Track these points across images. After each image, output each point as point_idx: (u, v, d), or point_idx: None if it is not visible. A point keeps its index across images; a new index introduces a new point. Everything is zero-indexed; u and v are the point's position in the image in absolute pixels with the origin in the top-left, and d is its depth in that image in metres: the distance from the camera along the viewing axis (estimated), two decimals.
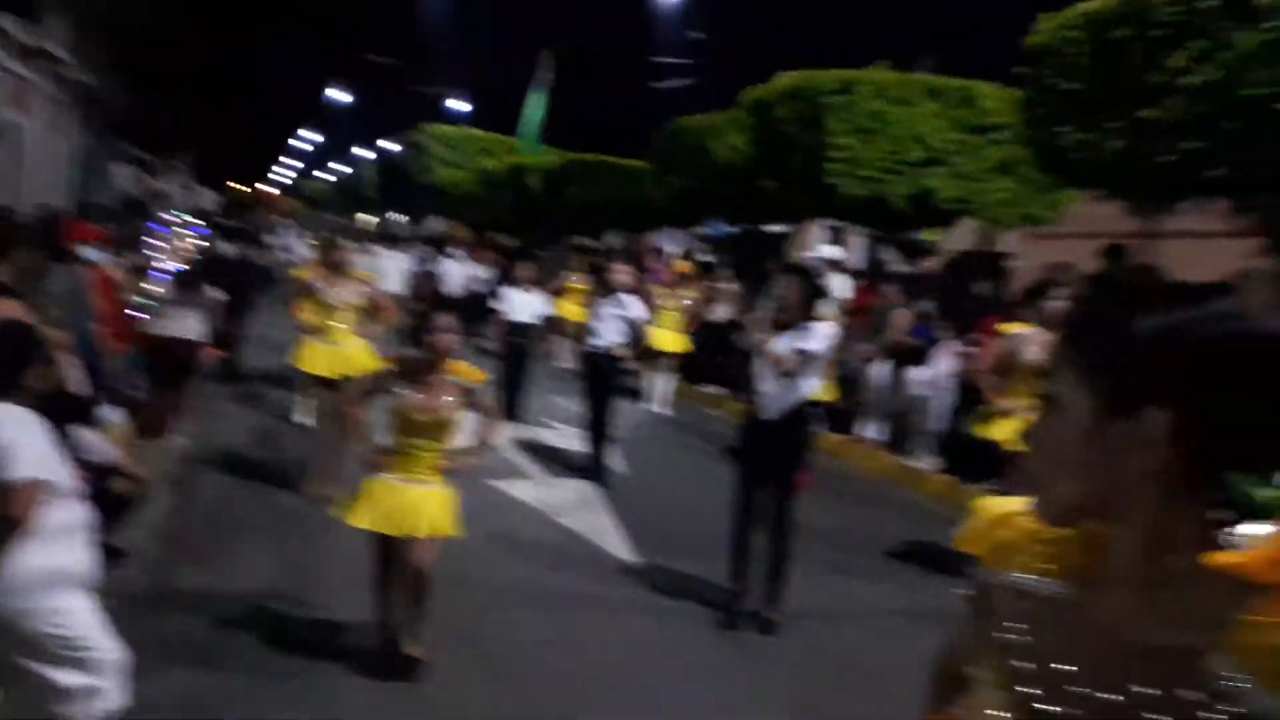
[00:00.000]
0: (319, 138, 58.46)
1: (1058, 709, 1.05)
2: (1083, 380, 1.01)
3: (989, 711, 1.12)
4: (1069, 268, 8.00)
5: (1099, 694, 1.02)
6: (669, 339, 11.33)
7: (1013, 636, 1.11)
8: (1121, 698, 1.00)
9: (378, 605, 4.29)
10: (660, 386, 11.76)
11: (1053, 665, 1.06)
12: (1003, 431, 5.83)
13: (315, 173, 61.35)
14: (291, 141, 64.49)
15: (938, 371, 8.75)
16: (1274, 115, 5.14)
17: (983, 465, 7.06)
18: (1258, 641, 0.94)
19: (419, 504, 4.12)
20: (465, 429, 4.35)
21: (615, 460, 8.26)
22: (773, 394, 5.08)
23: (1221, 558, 0.91)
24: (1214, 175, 5.60)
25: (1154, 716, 0.98)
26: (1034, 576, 1.13)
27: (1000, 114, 9.35)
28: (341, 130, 47.82)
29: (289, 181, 73.57)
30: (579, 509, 7.08)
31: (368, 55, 37.29)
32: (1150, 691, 0.99)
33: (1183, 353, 0.93)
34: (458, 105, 35.98)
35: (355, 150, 45.24)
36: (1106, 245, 8.97)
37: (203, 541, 5.57)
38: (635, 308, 8.47)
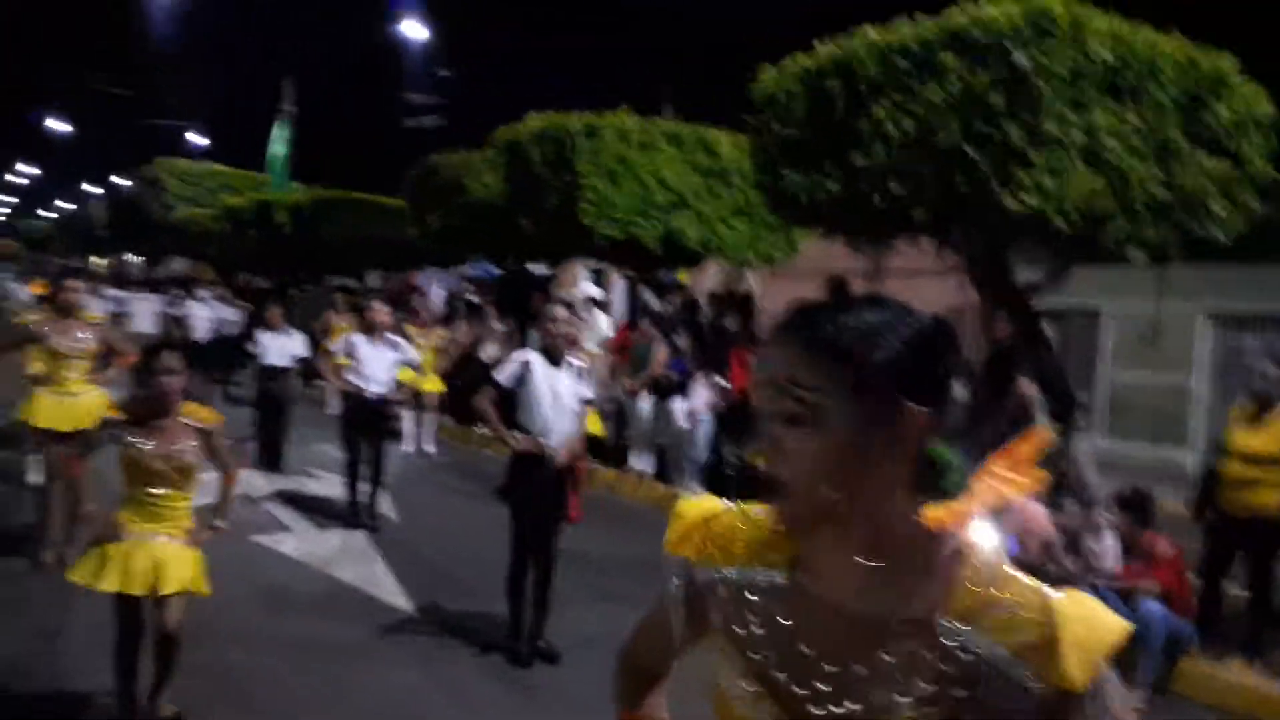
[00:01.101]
0: (38, 171, 53.42)
1: (805, 691, 1.11)
2: (848, 395, 1.05)
3: (738, 695, 1.17)
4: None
5: (852, 667, 1.09)
6: (429, 379, 11.33)
7: (743, 631, 1.17)
8: (868, 669, 1.08)
9: (121, 673, 4.02)
10: (425, 427, 11.69)
11: (797, 648, 1.12)
12: None
13: (37, 210, 55.90)
14: (7, 176, 58.54)
15: (696, 403, 9.24)
16: (963, 161, 5.88)
17: (742, 490, 7.54)
18: (971, 602, 1.07)
19: (164, 560, 3.90)
20: (205, 484, 4.16)
21: (385, 505, 8.13)
22: (556, 427, 5.24)
23: (929, 513, 1.06)
24: (917, 216, 6.30)
25: (902, 679, 1.07)
26: (757, 570, 1.19)
27: (734, 159, 10.04)
28: (64, 164, 43.98)
29: (5, 221, 66.60)
30: (349, 559, 6.92)
31: (92, 82, 34.59)
32: (892, 658, 1.08)
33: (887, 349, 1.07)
34: (195, 139, 34.07)
35: (83, 186, 41.72)
36: (830, 278, 9.83)
37: None
38: (407, 348, 8.42)
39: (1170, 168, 5.85)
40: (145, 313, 14.80)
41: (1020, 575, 1.11)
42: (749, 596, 1.18)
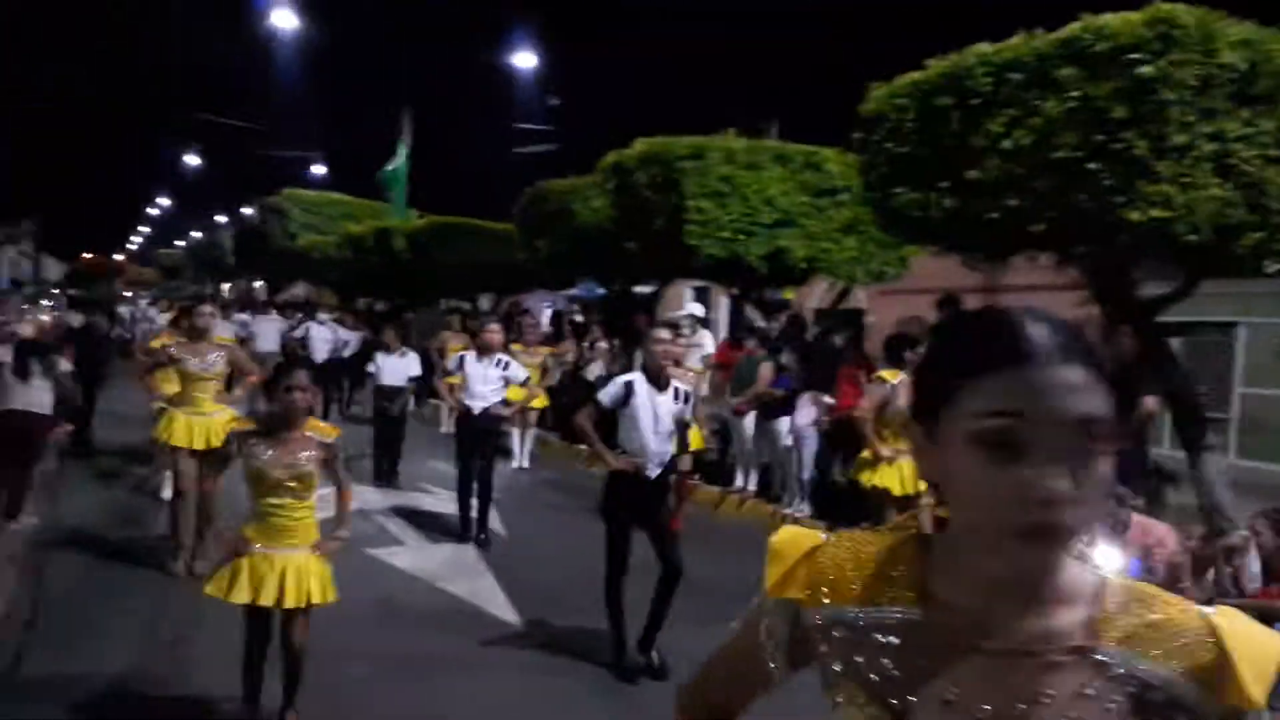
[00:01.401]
0: (172, 204, 56.61)
1: None
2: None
3: None
4: (918, 320, 8.57)
5: (1012, 706, 1.00)
6: (519, 395, 11.49)
7: (876, 676, 1.07)
8: (1029, 707, 0.99)
9: (249, 682, 4.20)
10: (525, 443, 11.87)
11: (942, 690, 1.02)
12: (887, 478, 6.08)
13: (173, 241, 59.20)
14: (147, 210, 62.27)
15: (802, 421, 9.14)
16: (1083, 174, 5.70)
17: (852, 510, 7.40)
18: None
19: (291, 571, 4.07)
20: (323, 499, 4.30)
21: (494, 521, 8.27)
22: (654, 449, 5.27)
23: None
24: (1035, 230, 6.12)
25: (1069, 715, 0.98)
26: (883, 607, 1.09)
27: (843, 177, 9.95)
28: (196, 196, 46.49)
29: (143, 249, 70.74)
30: (460, 573, 7.05)
31: (221, 119, 36.49)
32: (1055, 693, 0.99)
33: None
34: (316, 169, 35.55)
35: (213, 216, 44.00)
36: (941, 296, 9.63)
37: (60, 626, 5.34)
38: (515, 367, 8.59)
39: None
40: (269, 333, 15.58)
41: (1166, 594, 1.05)
42: (879, 638, 1.08)
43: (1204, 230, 5.37)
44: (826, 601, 1.13)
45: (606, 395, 5.36)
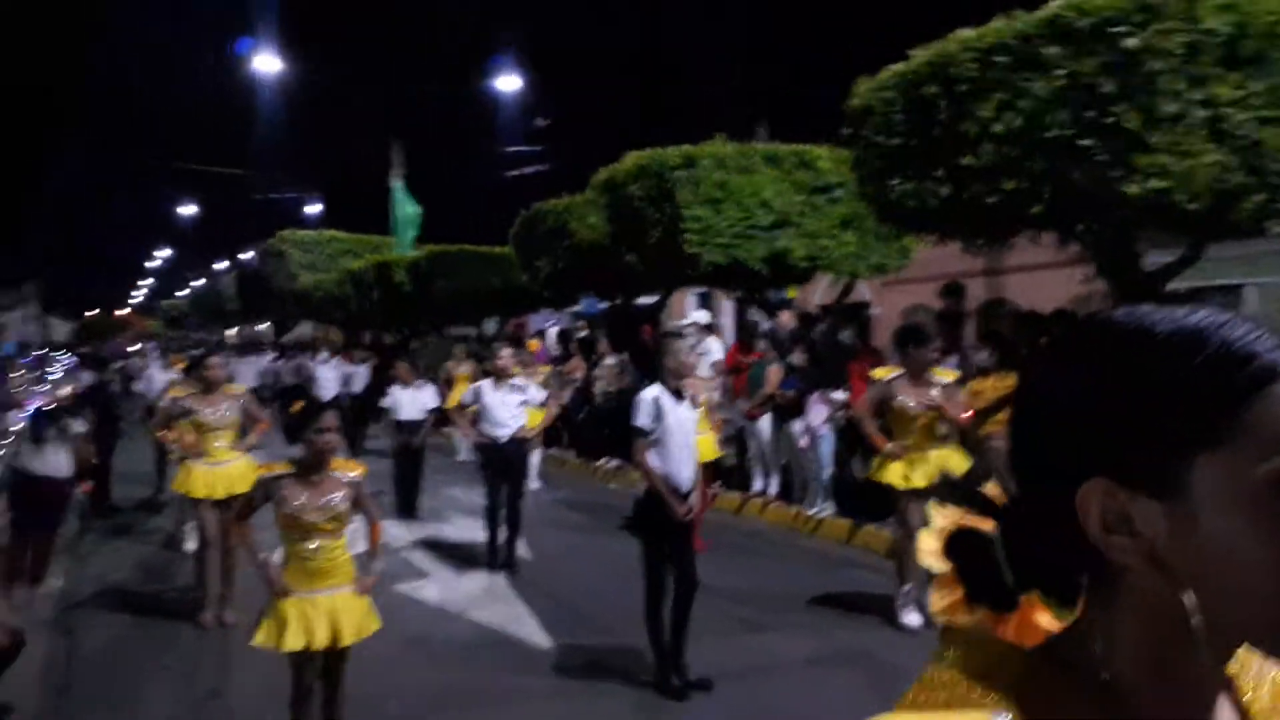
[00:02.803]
0: (172, 254, 56.93)
1: None
2: None
3: None
4: (923, 309, 8.55)
5: None
6: (535, 416, 11.45)
7: None
8: None
9: None
10: (534, 463, 11.81)
11: None
12: (892, 475, 6.05)
13: (175, 292, 59.52)
14: (146, 264, 62.67)
15: (814, 421, 9.12)
16: (1077, 151, 5.69)
17: (874, 504, 7.37)
18: None
19: (338, 611, 4.08)
20: (353, 536, 4.33)
21: (520, 546, 8.24)
22: (682, 464, 5.25)
23: None
24: (1035, 211, 6.11)
25: None
26: None
27: (836, 173, 9.94)
28: (196, 245, 46.75)
29: (147, 301, 71.12)
30: (489, 601, 7.04)
31: (213, 167, 36.73)
32: None
33: None
34: (312, 209, 35.68)
35: (212, 264, 44.25)
36: (945, 284, 9.62)
37: (94, 685, 5.35)
38: (533, 389, 8.57)
39: None
40: (246, 374, 16.17)
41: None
42: None
43: (1203, 197, 5.34)
44: None
45: (644, 417, 5.25)
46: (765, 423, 9.88)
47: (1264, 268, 12.90)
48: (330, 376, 15.37)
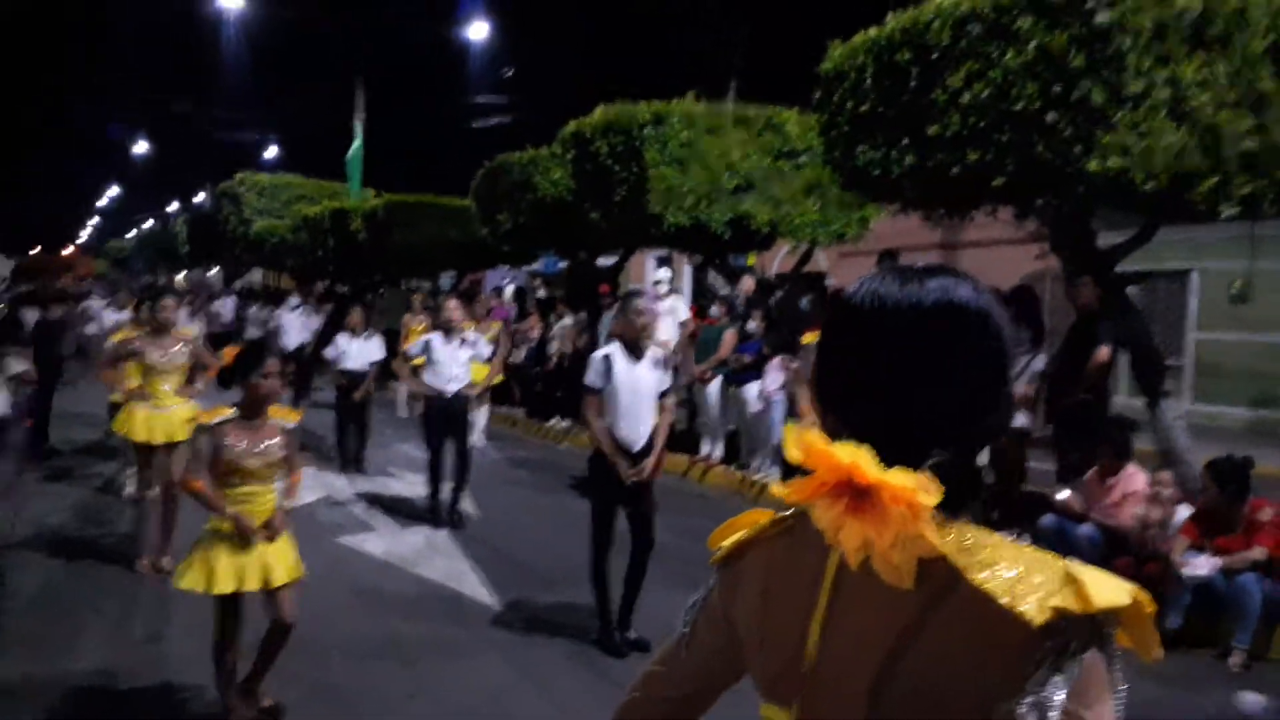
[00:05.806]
0: (122, 192, 55.45)
1: None
2: None
3: None
4: None
5: None
6: (483, 373, 11.34)
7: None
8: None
9: (224, 669, 4.13)
10: (480, 421, 11.72)
11: None
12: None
13: (123, 233, 57.91)
14: (96, 203, 60.99)
15: (770, 386, 9.14)
16: (1043, 126, 5.69)
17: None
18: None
19: (268, 553, 4.05)
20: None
21: (464, 502, 8.20)
22: (635, 423, 5.21)
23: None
24: (997, 183, 6.12)
25: None
26: None
27: (803, 139, 9.90)
28: (147, 184, 45.55)
29: (94, 241, 69.31)
30: (433, 556, 6.99)
31: (168, 103, 35.74)
32: None
33: None
34: (268, 152, 34.93)
35: (164, 205, 43.19)
36: (880, 252, 9.63)
37: (29, 629, 5.23)
38: (482, 343, 8.47)
39: (1263, 118, 5.55)
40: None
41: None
42: None
43: (1161, 177, 5.38)
44: None
45: (593, 376, 5.22)
46: (715, 387, 9.89)
47: (1209, 253, 13.13)
48: (296, 324, 14.97)
